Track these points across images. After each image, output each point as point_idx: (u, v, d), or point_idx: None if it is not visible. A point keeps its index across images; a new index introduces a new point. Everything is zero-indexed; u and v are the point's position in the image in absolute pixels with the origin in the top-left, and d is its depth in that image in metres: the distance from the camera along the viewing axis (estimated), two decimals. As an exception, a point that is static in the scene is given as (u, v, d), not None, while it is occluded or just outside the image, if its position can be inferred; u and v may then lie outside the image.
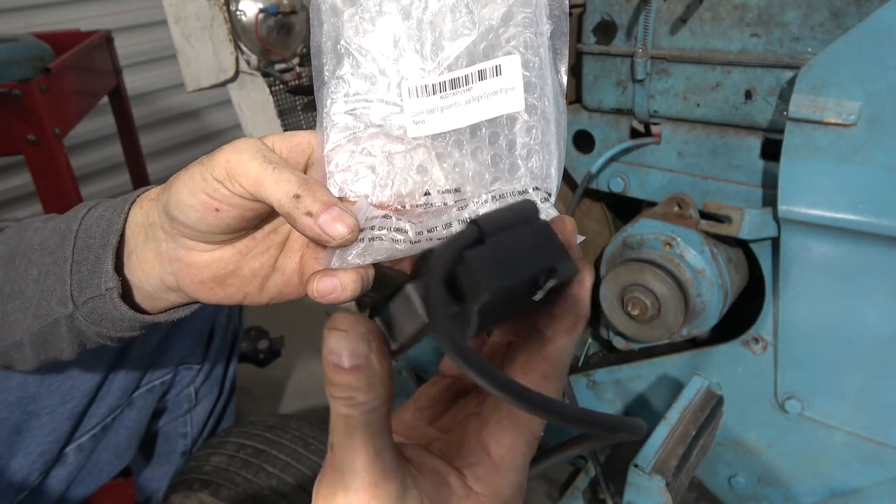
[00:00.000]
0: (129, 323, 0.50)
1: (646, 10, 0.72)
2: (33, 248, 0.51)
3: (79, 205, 0.52)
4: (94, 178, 2.44)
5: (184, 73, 1.08)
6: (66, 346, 0.53)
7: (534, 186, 0.40)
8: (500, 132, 0.41)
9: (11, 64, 1.39)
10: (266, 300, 0.48)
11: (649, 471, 0.67)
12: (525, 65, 0.41)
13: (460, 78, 0.42)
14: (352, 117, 0.43)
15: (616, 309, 0.82)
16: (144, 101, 2.51)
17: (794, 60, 0.66)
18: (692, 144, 0.77)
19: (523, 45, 0.41)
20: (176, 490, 0.90)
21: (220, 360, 1.03)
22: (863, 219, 0.63)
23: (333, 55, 0.43)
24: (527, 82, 0.40)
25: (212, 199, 0.41)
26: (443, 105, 0.42)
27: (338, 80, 0.43)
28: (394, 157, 0.43)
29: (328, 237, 0.39)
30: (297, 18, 1.10)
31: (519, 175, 0.40)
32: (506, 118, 0.41)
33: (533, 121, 0.40)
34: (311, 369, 1.86)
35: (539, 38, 0.41)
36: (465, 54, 0.42)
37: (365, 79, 0.43)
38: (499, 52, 0.41)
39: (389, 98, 0.43)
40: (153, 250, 0.46)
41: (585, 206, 0.96)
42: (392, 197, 0.43)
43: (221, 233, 0.43)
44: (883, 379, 0.70)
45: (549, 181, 0.40)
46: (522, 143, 0.40)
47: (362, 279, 0.41)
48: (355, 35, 0.43)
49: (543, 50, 0.41)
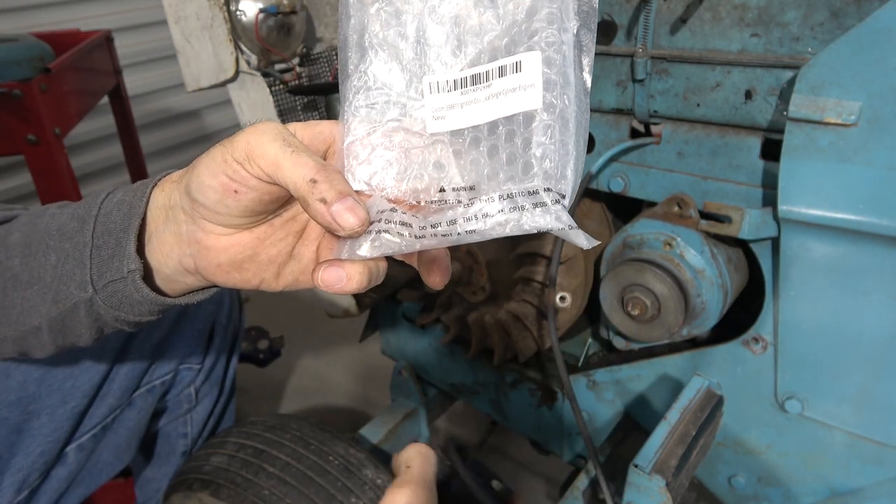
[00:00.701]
0: (149, 306, 0.50)
1: (646, 10, 0.72)
2: (51, 234, 0.51)
3: (96, 191, 0.52)
4: (94, 178, 2.44)
5: (184, 73, 1.08)
6: (84, 332, 0.53)
7: (545, 187, 0.39)
8: (516, 130, 0.40)
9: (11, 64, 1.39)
10: (281, 287, 0.48)
11: (649, 471, 0.67)
12: (546, 62, 0.39)
13: (481, 74, 0.41)
14: (373, 111, 0.43)
15: (616, 309, 0.82)
16: (144, 101, 2.51)
17: (794, 60, 0.66)
18: (692, 144, 0.77)
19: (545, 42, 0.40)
20: (176, 490, 0.90)
21: (221, 360, 1.03)
22: (863, 219, 0.63)
23: (358, 49, 0.44)
24: (546, 80, 0.39)
25: (231, 180, 0.41)
26: (463, 101, 0.42)
27: (361, 73, 0.43)
28: (412, 152, 0.43)
29: (338, 226, 0.39)
30: (297, 18, 1.10)
31: (532, 174, 0.39)
32: (523, 116, 0.40)
33: (550, 119, 0.39)
34: (311, 369, 1.87)
35: (563, 34, 0.40)
36: (487, 50, 0.41)
37: (388, 73, 0.43)
38: (520, 48, 0.40)
39: (411, 93, 0.43)
40: (173, 232, 0.47)
41: (585, 206, 0.96)
42: (408, 192, 0.43)
43: (240, 216, 0.44)
44: (883, 379, 0.70)
45: (565, 182, 0.39)
46: (538, 142, 0.39)
47: (370, 272, 0.42)
48: (381, 29, 0.43)
49: (567, 47, 0.40)
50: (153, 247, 0.48)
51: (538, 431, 1.10)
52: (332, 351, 1.91)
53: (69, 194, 1.46)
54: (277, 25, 1.07)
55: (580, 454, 1.07)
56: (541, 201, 0.38)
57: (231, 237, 0.45)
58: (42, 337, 0.55)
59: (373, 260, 0.42)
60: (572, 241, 0.39)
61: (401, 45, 0.43)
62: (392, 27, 0.43)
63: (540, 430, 1.09)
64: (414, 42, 0.43)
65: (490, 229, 0.39)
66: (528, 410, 1.09)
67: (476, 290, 1.01)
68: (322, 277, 0.41)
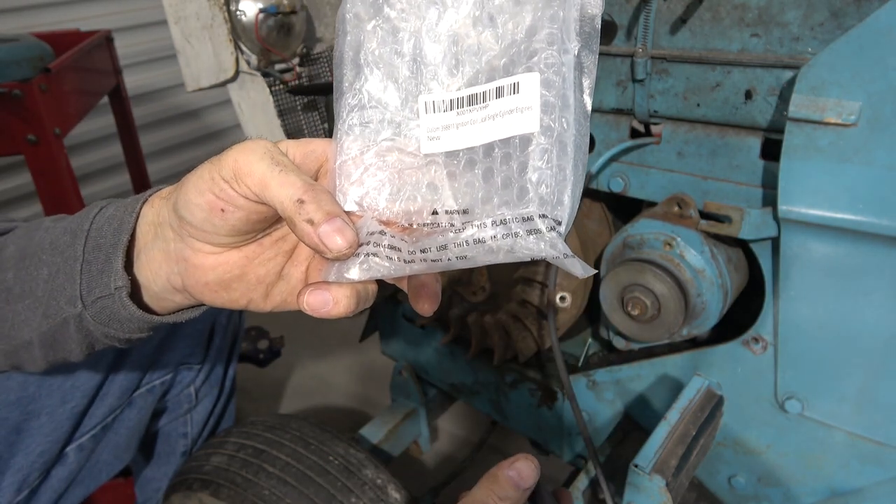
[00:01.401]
0: (137, 323, 0.49)
1: (646, 10, 0.72)
2: (44, 248, 0.51)
3: (90, 205, 0.52)
4: (94, 178, 2.44)
5: (184, 73, 1.08)
6: (75, 347, 0.53)
7: (541, 214, 0.37)
8: (512, 153, 0.39)
9: (11, 64, 1.39)
10: (270, 308, 0.48)
11: (649, 471, 0.67)
12: (545, 84, 0.38)
13: (478, 94, 0.40)
14: (367, 129, 0.43)
15: (616, 309, 0.82)
16: (144, 101, 2.51)
17: (794, 60, 0.66)
18: (692, 144, 0.77)
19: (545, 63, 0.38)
20: (176, 490, 0.90)
21: (221, 360, 1.03)
22: (863, 219, 0.63)
23: (353, 66, 0.43)
24: (545, 102, 0.38)
25: (218, 198, 0.40)
26: (459, 122, 0.41)
27: (356, 91, 0.43)
28: (405, 172, 0.42)
29: (325, 248, 0.38)
30: (297, 18, 1.10)
31: (527, 200, 0.38)
32: (520, 139, 0.39)
33: (548, 143, 0.38)
34: (311, 369, 1.87)
35: (564, 55, 0.39)
36: (485, 70, 0.40)
37: (383, 91, 0.43)
38: (519, 69, 0.39)
39: (406, 112, 0.43)
40: (162, 250, 0.46)
41: (585, 206, 0.96)
42: (400, 213, 0.42)
43: (227, 234, 0.43)
44: (883, 379, 0.70)
45: (561, 209, 0.38)
46: (534, 167, 0.38)
47: (359, 295, 0.41)
48: (377, 46, 0.43)
49: (567, 69, 0.39)
50: (142, 263, 0.48)
51: (538, 431, 1.10)
52: (332, 351, 1.91)
53: (69, 194, 1.46)
54: (277, 25, 1.07)
55: (580, 454, 1.07)
56: (535, 228, 0.37)
57: (219, 256, 0.45)
58: (33, 351, 0.54)
59: (361, 283, 0.41)
60: (568, 270, 0.38)
61: (397, 62, 0.42)
62: (388, 44, 0.42)
63: (540, 430, 1.09)
64: (410, 60, 0.42)
65: (482, 256, 0.38)
66: (528, 410, 1.09)
67: (476, 290, 1.01)
68: (307, 301, 0.40)
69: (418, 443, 1.37)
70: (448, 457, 1.51)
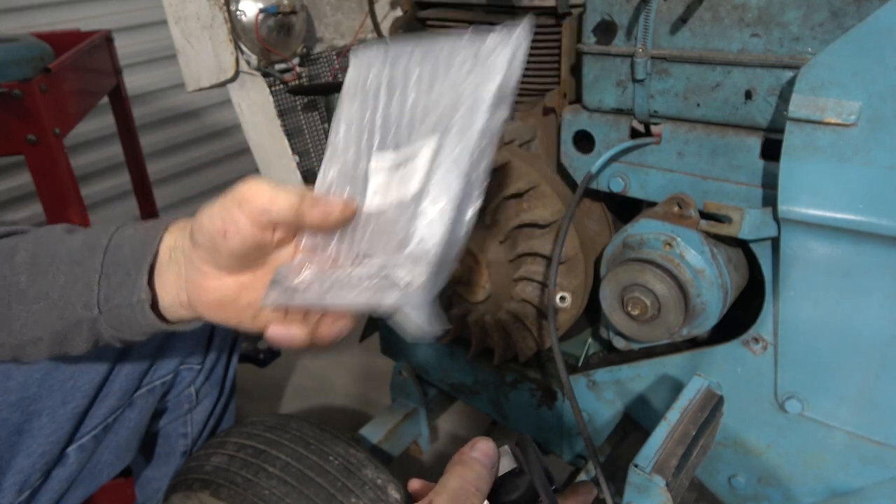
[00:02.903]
0: (148, 329, 0.58)
1: (646, 10, 0.72)
2: (61, 258, 0.58)
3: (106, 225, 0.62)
4: (94, 178, 2.44)
5: (184, 73, 1.08)
6: (81, 344, 0.60)
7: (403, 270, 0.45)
8: (408, 207, 0.47)
9: (11, 64, 1.39)
10: (256, 328, 0.56)
11: (649, 471, 0.67)
12: (437, 148, 0.47)
13: (405, 160, 0.49)
14: (333, 181, 0.52)
15: (616, 309, 0.82)
16: (144, 101, 2.51)
17: (794, 60, 0.66)
18: (692, 144, 0.77)
19: (443, 129, 0.47)
20: (176, 490, 0.90)
21: (221, 361, 1.03)
22: (863, 219, 0.63)
23: (334, 124, 0.53)
24: (436, 165, 0.46)
25: (224, 222, 0.49)
26: (390, 180, 0.49)
27: (333, 146, 0.53)
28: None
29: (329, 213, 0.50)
30: (297, 18, 1.10)
31: (402, 254, 0.46)
32: (412, 196, 0.47)
33: (426, 204, 0.46)
34: (311, 369, 1.87)
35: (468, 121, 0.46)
36: (419, 135, 0.49)
37: (346, 150, 0.52)
38: (428, 137, 0.48)
39: (359, 169, 0.51)
40: (175, 272, 0.56)
41: (585, 206, 0.96)
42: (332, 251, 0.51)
43: (228, 257, 0.51)
44: (883, 379, 0.70)
45: (419, 268, 0.45)
46: (416, 225, 0.46)
47: (311, 333, 0.53)
48: (346, 110, 0.52)
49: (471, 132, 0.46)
50: (157, 280, 0.57)
51: (538, 431, 1.10)
52: (332, 351, 1.91)
53: (69, 194, 1.45)
54: (277, 25, 1.07)
55: (580, 454, 1.07)
56: (397, 281, 0.45)
57: (220, 280, 0.53)
58: (41, 347, 0.61)
59: (316, 324, 0.53)
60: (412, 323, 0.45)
61: (354, 128, 0.52)
62: (352, 111, 0.52)
63: (540, 430, 1.09)
64: (366, 129, 0.51)
65: (345, 303, 0.47)
66: (528, 410, 1.09)
67: (476, 290, 1.01)
68: (271, 331, 0.52)
69: (418, 443, 1.36)
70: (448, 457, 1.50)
